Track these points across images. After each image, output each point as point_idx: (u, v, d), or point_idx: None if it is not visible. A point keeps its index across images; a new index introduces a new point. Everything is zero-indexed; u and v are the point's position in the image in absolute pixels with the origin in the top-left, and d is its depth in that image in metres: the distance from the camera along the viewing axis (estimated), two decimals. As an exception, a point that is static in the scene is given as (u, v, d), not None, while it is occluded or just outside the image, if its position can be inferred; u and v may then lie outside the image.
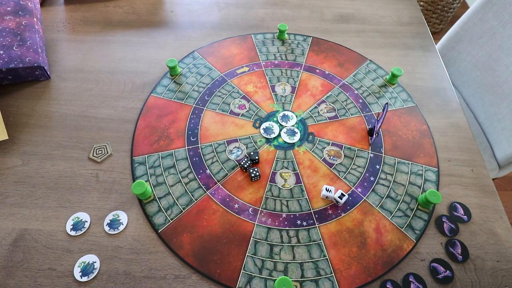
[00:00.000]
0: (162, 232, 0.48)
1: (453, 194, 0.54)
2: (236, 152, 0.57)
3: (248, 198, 0.52)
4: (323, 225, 0.50)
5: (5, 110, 0.61)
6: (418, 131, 0.61)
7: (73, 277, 0.44)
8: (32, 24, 0.66)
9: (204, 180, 0.53)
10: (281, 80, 0.68)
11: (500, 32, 0.79)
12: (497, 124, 0.82)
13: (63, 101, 0.63)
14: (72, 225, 0.48)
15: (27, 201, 0.51)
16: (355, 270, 0.46)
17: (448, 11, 1.71)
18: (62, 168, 0.54)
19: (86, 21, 0.79)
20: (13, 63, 0.61)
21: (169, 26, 0.79)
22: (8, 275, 0.44)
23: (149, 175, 0.54)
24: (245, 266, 0.46)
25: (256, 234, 0.48)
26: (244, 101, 0.64)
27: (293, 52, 0.74)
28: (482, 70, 0.85)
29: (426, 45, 0.78)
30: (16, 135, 0.58)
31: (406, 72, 0.71)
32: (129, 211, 0.50)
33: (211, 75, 0.68)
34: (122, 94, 0.65)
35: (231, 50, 0.73)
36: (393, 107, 0.65)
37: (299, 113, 0.63)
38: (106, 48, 0.73)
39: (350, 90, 0.67)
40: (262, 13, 0.84)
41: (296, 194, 0.53)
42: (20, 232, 0.48)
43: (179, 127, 0.60)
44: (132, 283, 0.44)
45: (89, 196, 0.51)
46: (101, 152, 0.56)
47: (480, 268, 0.46)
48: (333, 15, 0.84)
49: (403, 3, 0.89)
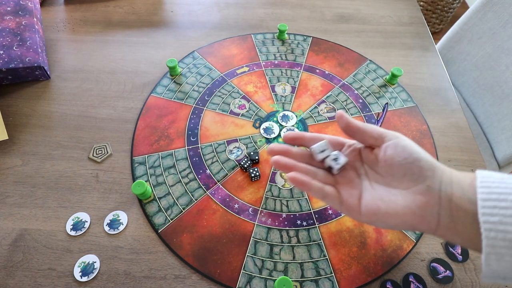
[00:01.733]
0: (162, 232, 0.48)
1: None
2: (236, 152, 0.57)
3: (248, 198, 0.52)
4: (323, 225, 0.50)
5: (5, 110, 0.61)
6: (418, 131, 0.61)
7: (73, 277, 0.44)
8: (32, 24, 0.66)
9: (204, 180, 0.54)
10: (281, 80, 0.68)
11: (500, 32, 0.79)
12: (497, 124, 0.82)
13: (63, 101, 0.63)
14: (72, 225, 0.48)
15: (27, 201, 0.51)
16: (355, 270, 0.46)
17: (448, 11, 1.71)
18: (62, 168, 0.54)
19: (86, 21, 0.79)
20: (13, 63, 0.61)
21: (169, 26, 0.79)
22: (8, 275, 0.44)
23: (149, 175, 0.54)
24: (245, 266, 0.46)
25: (256, 234, 0.48)
26: (244, 101, 0.64)
27: (293, 52, 0.74)
28: (482, 70, 0.85)
29: (426, 45, 0.78)
30: (16, 135, 0.58)
31: (406, 72, 0.71)
32: (129, 211, 0.50)
33: (211, 75, 0.68)
34: (122, 94, 0.65)
35: (231, 50, 0.73)
36: (393, 107, 0.65)
37: (299, 113, 0.63)
38: (106, 48, 0.73)
39: (350, 90, 0.67)
40: (262, 13, 0.84)
41: (296, 194, 0.53)
42: (20, 232, 0.48)
43: (179, 127, 0.60)
44: (132, 283, 0.44)
45: (89, 196, 0.51)
46: (101, 152, 0.56)
47: (480, 268, 0.46)
48: (333, 15, 0.84)
49: (403, 3, 0.89)
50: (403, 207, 0.28)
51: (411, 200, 0.28)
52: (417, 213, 0.27)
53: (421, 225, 0.28)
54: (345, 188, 0.32)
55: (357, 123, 0.33)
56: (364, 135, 0.33)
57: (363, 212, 0.30)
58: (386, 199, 0.29)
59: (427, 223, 0.27)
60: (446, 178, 0.28)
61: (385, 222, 0.29)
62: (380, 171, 0.31)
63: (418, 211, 0.27)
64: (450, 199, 0.27)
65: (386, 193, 0.30)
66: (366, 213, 0.30)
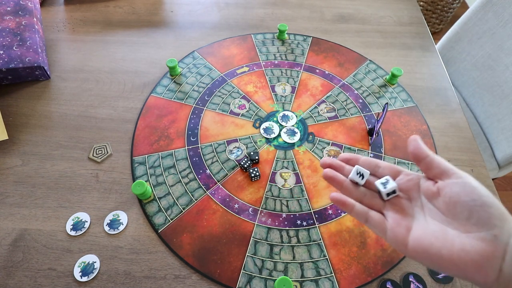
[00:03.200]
0: (162, 232, 0.48)
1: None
2: (236, 152, 0.57)
3: (248, 198, 0.52)
4: (323, 225, 0.50)
5: (5, 110, 0.61)
6: (418, 131, 0.61)
7: (73, 277, 0.44)
8: (32, 24, 0.66)
9: (204, 180, 0.54)
10: (281, 80, 0.68)
11: (500, 32, 0.79)
12: (497, 124, 0.82)
13: (63, 101, 0.63)
14: (72, 225, 0.48)
15: (27, 201, 0.51)
16: (355, 270, 0.46)
17: (448, 11, 1.71)
18: (62, 168, 0.54)
19: (86, 21, 0.79)
20: (13, 63, 0.61)
21: (169, 26, 0.79)
22: (8, 275, 0.44)
23: (149, 175, 0.54)
24: (245, 266, 0.46)
25: (256, 234, 0.48)
26: (244, 101, 0.64)
27: (293, 52, 0.74)
28: (482, 70, 0.85)
29: (426, 45, 0.78)
30: (16, 135, 0.58)
31: (406, 72, 0.71)
32: (129, 211, 0.50)
33: (211, 75, 0.68)
34: (122, 94, 0.65)
35: (231, 50, 0.73)
36: (393, 107, 0.65)
37: (299, 113, 0.63)
38: (106, 48, 0.73)
39: (350, 90, 0.67)
40: (262, 13, 0.84)
41: (296, 194, 0.53)
42: (20, 232, 0.48)
43: (179, 127, 0.60)
44: (132, 283, 0.44)
45: (89, 196, 0.51)
46: (101, 152, 0.56)
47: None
48: (333, 15, 0.84)
49: (403, 3, 0.89)
50: (460, 250, 0.25)
51: (472, 245, 0.25)
52: (475, 261, 0.25)
53: (476, 276, 0.25)
54: (394, 216, 0.30)
55: (427, 150, 0.30)
56: (431, 165, 0.30)
57: (411, 245, 0.27)
58: (441, 237, 0.27)
59: (484, 274, 0.25)
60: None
61: (435, 262, 0.26)
62: (441, 207, 0.29)
63: (477, 259, 0.25)
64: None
65: (442, 231, 0.27)
66: (415, 247, 0.27)
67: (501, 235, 0.25)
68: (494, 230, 0.25)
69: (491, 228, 0.26)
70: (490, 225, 0.26)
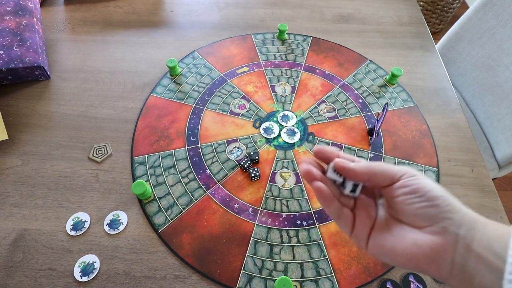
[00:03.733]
0: (162, 232, 0.48)
1: (453, 194, 0.53)
2: (236, 152, 0.57)
3: (248, 198, 0.52)
4: (323, 225, 0.50)
5: (5, 110, 0.61)
6: (418, 131, 0.61)
7: (73, 277, 0.44)
8: (32, 24, 0.66)
9: (204, 180, 0.54)
10: (281, 80, 0.68)
11: (500, 32, 0.79)
12: (497, 124, 0.82)
13: (63, 101, 0.63)
14: (72, 225, 0.48)
15: (27, 201, 0.51)
16: (355, 270, 0.46)
17: (448, 11, 1.71)
18: (62, 168, 0.54)
19: (86, 21, 0.79)
20: (13, 63, 0.61)
21: (169, 26, 0.79)
22: (8, 275, 0.44)
23: (149, 175, 0.54)
24: (245, 266, 0.46)
25: (256, 234, 0.48)
26: (244, 101, 0.64)
27: (293, 52, 0.74)
28: (482, 70, 0.85)
29: (426, 45, 0.78)
30: (16, 135, 0.58)
31: (406, 72, 0.71)
32: (129, 211, 0.50)
33: (211, 75, 0.68)
34: (122, 94, 0.65)
35: (231, 50, 0.73)
36: (393, 107, 0.65)
37: (299, 113, 0.63)
38: (106, 48, 0.73)
39: (350, 90, 0.67)
40: (262, 13, 0.84)
41: (296, 194, 0.53)
42: (20, 232, 0.48)
43: (179, 127, 0.60)
44: (132, 283, 0.44)
45: (89, 196, 0.51)
46: (101, 152, 0.56)
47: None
48: (333, 15, 0.84)
49: (403, 3, 0.89)
50: (412, 245, 0.26)
51: (423, 239, 0.25)
52: (427, 254, 0.25)
53: (430, 269, 0.25)
54: (361, 215, 0.30)
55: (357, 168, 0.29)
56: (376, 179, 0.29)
57: (370, 243, 0.28)
58: (395, 233, 0.27)
59: (436, 268, 0.25)
60: (468, 221, 0.25)
61: (390, 257, 0.27)
62: (395, 207, 0.29)
63: (428, 253, 0.25)
64: (469, 246, 0.24)
65: (398, 228, 0.28)
66: (372, 245, 0.28)
67: (450, 227, 0.25)
68: (443, 222, 0.25)
69: (440, 220, 0.26)
70: (439, 218, 0.26)
